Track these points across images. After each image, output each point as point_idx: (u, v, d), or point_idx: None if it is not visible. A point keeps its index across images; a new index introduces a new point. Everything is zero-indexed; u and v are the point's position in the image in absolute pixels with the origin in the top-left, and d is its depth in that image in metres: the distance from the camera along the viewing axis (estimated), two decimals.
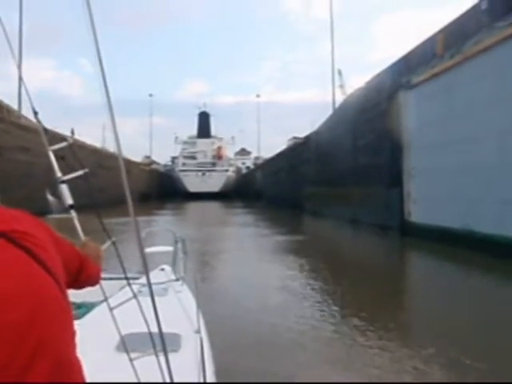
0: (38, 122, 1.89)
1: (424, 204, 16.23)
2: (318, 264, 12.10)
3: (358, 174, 23.01)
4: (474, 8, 14.21)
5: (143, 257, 1.58)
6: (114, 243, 1.86)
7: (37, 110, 1.88)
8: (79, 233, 1.78)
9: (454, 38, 14.73)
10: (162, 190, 76.12)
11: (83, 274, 1.36)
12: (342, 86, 43.54)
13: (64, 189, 1.87)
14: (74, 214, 1.85)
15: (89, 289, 1.59)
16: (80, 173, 1.88)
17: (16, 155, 27.30)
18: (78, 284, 1.38)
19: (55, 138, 2.09)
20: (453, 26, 15.43)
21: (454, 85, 14.57)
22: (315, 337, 6.16)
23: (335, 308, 7.69)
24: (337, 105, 33.97)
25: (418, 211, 16.59)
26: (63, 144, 1.97)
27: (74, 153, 1.86)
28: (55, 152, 1.94)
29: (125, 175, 1.46)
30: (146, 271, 1.68)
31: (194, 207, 51.49)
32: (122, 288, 3.08)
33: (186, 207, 51.29)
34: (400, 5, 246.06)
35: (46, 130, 1.96)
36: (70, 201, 1.86)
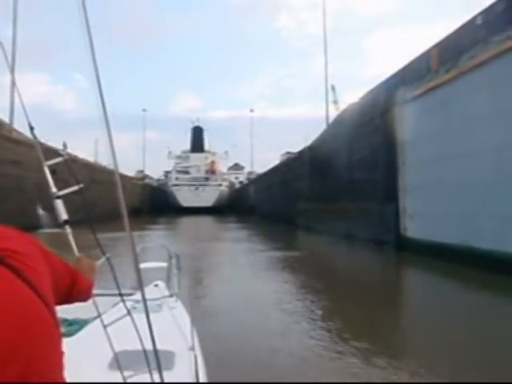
0: (34, 137, 1.91)
1: (420, 219, 16.09)
2: (314, 281, 11.84)
3: (352, 189, 22.89)
4: (470, 23, 14.24)
5: (138, 273, 1.55)
6: (108, 259, 1.85)
7: (32, 124, 1.89)
8: (73, 249, 1.76)
9: (450, 53, 14.74)
10: (155, 204, 75.64)
11: (75, 289, 1.32)
12: (335, 102, 43.82)
13: (59, 204, 1.86)
14: (68, 229, 1.84)
15: (81, 305, 1.55)
16: (75, 188, 1.88)
17: (6, 169, 26.96)
18: (69, 299, 1.33)
19: (48, 152, 2.07)
20: (448, 40, 15.46)
21: (449, 99, 14.53)
22: (312, 357, 5.92)
23: (333, 327, 7.42)
24: (330, 120, 34.03)
25: (415, 226, 16.44)
26: (59, 159, 1.98)
27: (70, 168, 1.88)
28: (50, 166, 1.94)
29: (121, 191, 1.45)
30: (141, 287, 1.68)
31: (186, 222, 51.17)
32: (116, 304, 3.04)
33: (178, 222, 50.95)
34: (393, 21, 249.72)
35: (40, 145, 2.00)
36: (64, 216, 1.85)
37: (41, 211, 27.13)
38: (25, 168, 27.30)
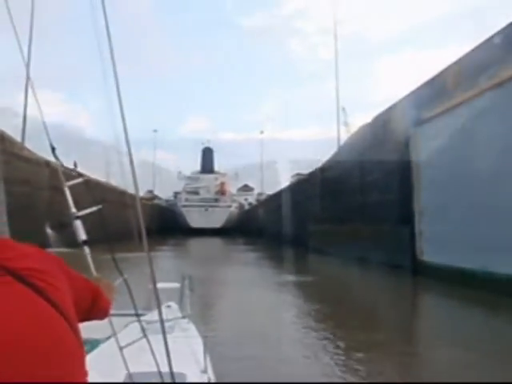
0: (56, 158, 1.95)
1: (437, 243, 15.62)
2: (330, 309, 11.31)
3: (365, 211, 22.50)
4: (487, 42, 13.98)
5: (156, 294, 1.61)
6: (125, 280, 1.87)
7: (47, 145, 1.97)
8: (91, 269, 1.78)
9: (467, 73, 14.47)
10: (164, 224, 74.93)
11: (95, 306, 1.31)
12: (346, 124, 43.76)
13: (78, 224, 1.87)
14: (87, 250, 1.85)
15: (92, 325, 1.56)
16: (94, 209, 1.94)
17: (16, 187, 26.89)
18: (89, 316, 1.30)
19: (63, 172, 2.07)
20: (465, 60, 15.17)
21: (466, 120, 14.22)
22: None
23: (354, 363, 6.99)
24: (341, 142, 33.86)
25: (431, 250, 15.97)
26: (79, 180, 2.02)
27: (89, 189, 1.96)
28: (59, 186, 1.94)
29: (141, 216, 1.50)
30: (159, 310, 1.71)
31: (195, 243, 50.80)
32: (128, 325, 3.12)
33: (187, 243, 50.57)
34: (402, 45, 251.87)
35: (62, 167, 2.01)
36: (83, 236, 1.86)
37: (49, 230, 26.98)
38: (34, 187, 27.24)
